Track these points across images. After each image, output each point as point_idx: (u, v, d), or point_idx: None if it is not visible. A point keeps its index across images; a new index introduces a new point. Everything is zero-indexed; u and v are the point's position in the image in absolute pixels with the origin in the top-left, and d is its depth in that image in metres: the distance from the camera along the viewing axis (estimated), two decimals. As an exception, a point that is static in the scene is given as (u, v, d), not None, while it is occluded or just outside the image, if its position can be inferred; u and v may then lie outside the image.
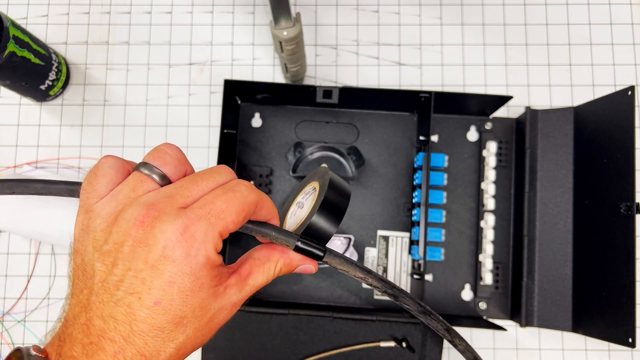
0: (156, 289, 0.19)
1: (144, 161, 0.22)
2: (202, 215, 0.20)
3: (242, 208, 0.21)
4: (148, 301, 0.19)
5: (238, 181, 0.23)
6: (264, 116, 0.52)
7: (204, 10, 0.55)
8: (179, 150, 0.23)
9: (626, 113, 0.42)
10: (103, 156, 0.22)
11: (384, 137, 0.51)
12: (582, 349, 0.49)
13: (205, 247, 0.20)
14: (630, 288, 0.40)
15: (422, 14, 0.54)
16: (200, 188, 0.21)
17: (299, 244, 0.23)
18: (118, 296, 0.19)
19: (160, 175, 0.21)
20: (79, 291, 0.20)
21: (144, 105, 0.53)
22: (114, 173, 0.22)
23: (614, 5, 0.54)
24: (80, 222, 0.21)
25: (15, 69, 0.44)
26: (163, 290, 0.19)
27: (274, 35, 0.41)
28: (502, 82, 0.53)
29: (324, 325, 0.48)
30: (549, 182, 0.48)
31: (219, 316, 0.22)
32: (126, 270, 0.19)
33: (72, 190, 0.23)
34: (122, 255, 0.19)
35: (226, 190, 0.21)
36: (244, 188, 0.22)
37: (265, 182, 0.51)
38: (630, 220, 0.41)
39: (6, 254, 0.51)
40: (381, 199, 0.51)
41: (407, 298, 0.25)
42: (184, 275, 0.19)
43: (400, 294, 0.25)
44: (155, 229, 0.19)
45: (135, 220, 0.19)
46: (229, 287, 0.22)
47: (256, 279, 0.24)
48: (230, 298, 0.22)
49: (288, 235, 0.24)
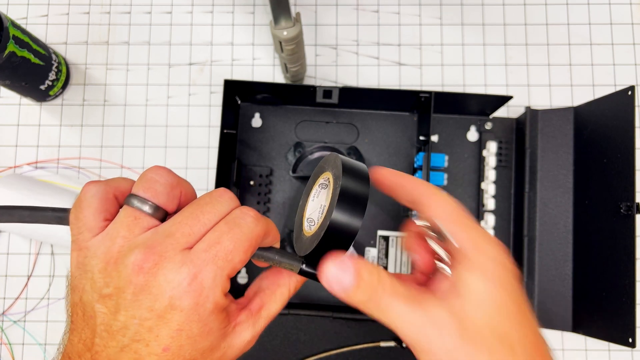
0: (164, 337, 0.18)
1: (133, 193, 0.20)
2: (208, 259, 0.19)
3: (250, 244, 0.20)
4: (156, 348, 0.18)
5: (242, 211, 0.21)
6: (264, 116, 0.52)
7: (204, 10, 0.55)
8: (169, 172, 0.22)
9: (626, 113, 0.42)
10: (85, 184, 0.21)
11: (384, 137, 0.51)
12: (582, 349, 0.49)
13: (214, 293, 0.19)
14: (630, 288, 0.40)
15: (422, 14, 0.54)
16: (202, 223, 0.20)
17: (304, 267, 0.22)
18: (124, 342, 0.18)
19: (153, 208, 0.20)
20: (80, 329, 0.20)
21: (144, 105, 0.53)
22: (99, 202, 0.20)
23: (614, 5, 0.54)
24: (75, 259, 0.20)
25: (15, 69, 0.44)
26: (171, 338, 0.18)
27: (274, 35, 0.41)
28: (502, 82, 0.53)
29: (324, 325, 0.48)
30: (549, 182, 0.48)
31: (230, 353, 0.21)
32: (131, 317, 0.18)
33: (61, 217, 0.22)
34: (124, 303, 0.18)
35: (231, 225, 0.20)
36: (249, 220, 0.20)
37: (265, 182, 0.51)
38: (631, 220, 0.41)
39: (6, 254, 0.51)
40: (381, 199, 0.51)
41: None
42: (192, 322, 0.19)
43: None
44: (159, 277, 0.18)
45: (135, 266, 0.18)
46: (239, 324, 0.22)
47: (270, 309, 0.23)
48: (242, 335, 0.21)
49: (292, 259, 0.22)
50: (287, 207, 0.50)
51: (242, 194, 0.50)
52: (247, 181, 0.50)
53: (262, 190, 0.50)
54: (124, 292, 0.18)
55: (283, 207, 0.50)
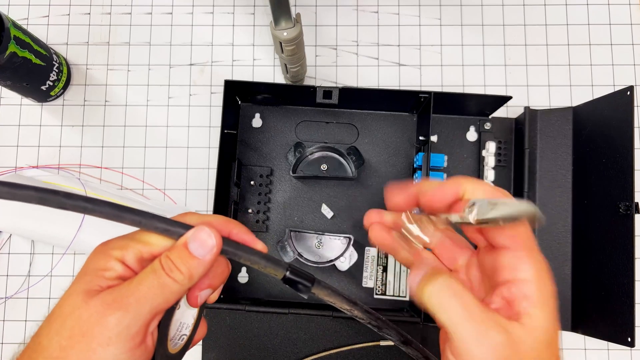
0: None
1: None
2: None
3: None
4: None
5: None
6: (264, 116, 0.52)
7: (205, 11, 0.55)
8: None
9: (625, 113, 0.42)
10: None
11: (383, 137, 0.51)
12: (582, 348, 0.49)
13: None
14: (629, 287, 0.40)
15: (421, 14, 0.55)
16: None
17: (288, 274, 0.23)
18: None
19: None
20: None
21: (144, 105, 0.53)
22: None
23: (612, 6, 0.54)
24: None
25: (16, 69, 0.44)
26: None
27: (274, 36, 0.41)
28: (502, 82, 0.53)
29: (324, 325, 0.48)
30: (548, 182, 0.48)
31: None
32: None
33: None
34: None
35: None
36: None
37: (265, 182, 0.51)
38: (629, 219, 0.41)
39: (7, 254, 0.51)
40: (381, 199, 0.50)
41: (390, 329, 0.24)
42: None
43: (384, 325, 0.24)
44: None
45: None
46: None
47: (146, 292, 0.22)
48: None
49: (277, 265, 0.23)
50: (287, 207, 0.51)
51: (243, 194, 0.50)
52: (247, 181, 0.51)
53: (262, 190, 0.50)
54: None
55: (283, 207, 0.51)
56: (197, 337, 0.26)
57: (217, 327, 0.48)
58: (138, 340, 0.20)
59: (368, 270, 0.50)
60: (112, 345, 0.19)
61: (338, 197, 0.51)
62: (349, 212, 0.50)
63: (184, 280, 0.21)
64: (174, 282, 0.21)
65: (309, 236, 0.49)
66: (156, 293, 0.21)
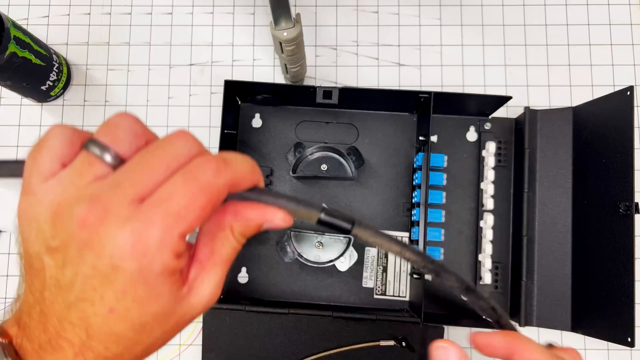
0: (109, 298, 0.17)
1: (93, 138, 0.18)
2: (157, 216, 0.17)
3: (209, 200, 0.18)
4: (102, 309, 0.17)
5: (204, 158, 0.18)
6: (264, 117, 0.52)
7: (205, 11, 0.55)
8: (135, 119, 0.19)
9: (625, 113, 0.42)
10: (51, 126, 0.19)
11: (383, 138, 0.51)
12: (582, 348, 0.49)
13: (162, 255, 0.17)
14: (629, 288, 0.40)
15: (421, 14, 0.55)
16: (153, 170, 0.17)
17: (322, 216, 0.20)
18: (70, 300, 0.17)
19: (112, 156, 0.18)
20: (30, 282, 0.18)
21: (144, 105, 0.53)
22: (60, 146, 0.18)
23: (612, 6, 0.54)
24: (22, 206, 0.18)
25: (16, 69, 0.44)
26: (117, 299, 0.17)
27: (274, 36, 0.41)
28: (502, 82, 0.53)
29: (324, 325, 0.48)
30: (548, 182, 0.48)
31: (191, 313, 0.20)
32: (75, 274, 0.17)
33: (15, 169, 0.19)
34: (69, 257, 0.17)
35: (187, 177, 0.17)
36: (209, 172, 0.18)
37: (265, 182, 0.51)
38: (629, 220, 0.41)
39: (7, 254, 0.51)
40: (381, 199, 0.51)
41: (449, 274, 0.22)
42: (137, 285, 0.17)
43: (441, 270, 0.22)
44: (102, 234, 0.16)
45: (79, 219, 0.17)
46: (195, 283, 0.19)
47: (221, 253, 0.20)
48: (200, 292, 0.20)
49: (309, 207, 0.20)
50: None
51: (243, 194, 0.50)
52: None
53: (262, 191, 0.50)
54: (69, 246, 0.17)
55: (283, 207, 0.51)
56: None
57: (217, 327, 0.48)
58: None
59: (368, 271, 0.50)
60: None
61: (338, 197, 0.51)
62: (349, 212, 0.50)
63: None
64: None
65: (309, 236, 0.49)
66: None
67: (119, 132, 0.18)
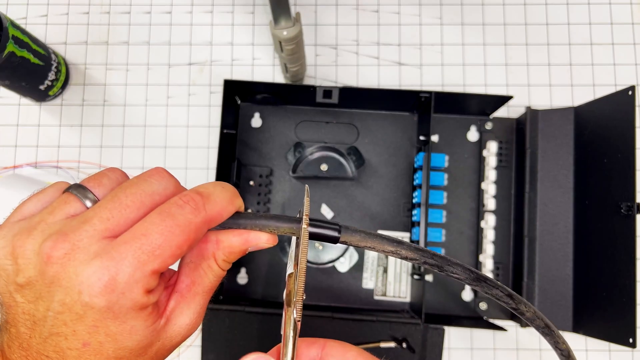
0: (81, 332, 0.17)
1: (77, 183, 0.19)
2: (128, 253, 0.16)
3: (187, 238, 0.17)
4: (75, 343, 0.17)
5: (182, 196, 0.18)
6: (263, 116, 0.52)
7: (204, 10, 0.55)
8: (123, 173, 0.20)
9: (626, 113, 0.42)
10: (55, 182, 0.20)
11: (384, 137, 0.51)
12: (583, 349, 0.49)
13: (131, 291, 0.17)
14: (630, 288, 0.40)
15: (422, 13, 0.54)
16: (124, 206, 0.17)
17: (305, 228, 0.20)
18: (45, 334, 0.17)
19: (91, 200, 0.18)
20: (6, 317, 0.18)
21: (143, 105, 0.53)
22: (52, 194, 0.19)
23: (614, 5, 0.54)
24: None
25: (14, 69, 0.44)
26: (89, 334, 0.17)
27: (274, 35, 0.41)
28: (502, 82, 0.53)
29: (324, 325, 0.48)
30: (550, 182, 0.48)
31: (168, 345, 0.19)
32: (46, 309, 0.17)
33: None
34: (39, 293, 0.17)
35: (164, 215, 0.17)
36: (187, 210, 0.18)
37: (265, 182, 0.50)
38: (631, 220, 0.41)
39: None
40: (381, 199, 0.51)
41: (454, 266, 0.20)
42: (108, 320, 0.17)
43: (444, 263, 0.20)
44: (69, 269, 0.16)
45: (44, 255, 0.16)
46: (173, 314, 0.19)
47: (203, 284, 0.20)
48: (179, 323, 0.19)
49: (290, 222, 0.20)
50: (286, 207, 0.50)
51: (242, 194, 0.50)
52: (247, 181, 0.50)
53: (262, 191, 0.50)
54: (37, 282, 0.17)
55: (283, 208, 0.50)
56: None
57: (217, 327, 0.48)
58: None
59: (368, 271, 0.49)
60: None
61: (338, 197, 0.50)
62: (349, 212, 0.50)
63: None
64: None
65: (309, 236, 0.49)
66: None
67: (104, 179, 0.19)
